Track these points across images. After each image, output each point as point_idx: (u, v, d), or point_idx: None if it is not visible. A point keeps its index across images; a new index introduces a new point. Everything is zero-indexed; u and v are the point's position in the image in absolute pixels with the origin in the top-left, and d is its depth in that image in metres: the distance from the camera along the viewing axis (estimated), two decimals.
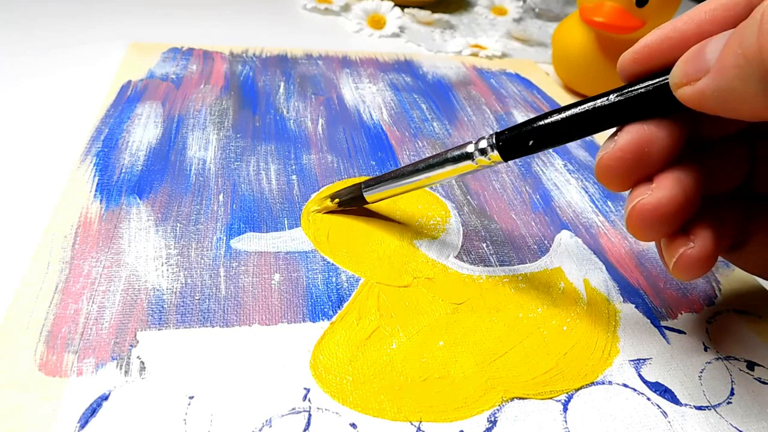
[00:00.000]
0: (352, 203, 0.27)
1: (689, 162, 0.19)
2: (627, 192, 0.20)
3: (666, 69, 0.18)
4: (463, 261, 0.26)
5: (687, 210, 0.18)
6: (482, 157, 0.22)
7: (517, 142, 0.21)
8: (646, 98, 0.18)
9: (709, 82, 0.16)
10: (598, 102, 0.19)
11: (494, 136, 0.22)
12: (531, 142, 0.21)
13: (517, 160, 0.35)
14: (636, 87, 0.19)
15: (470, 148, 0.23)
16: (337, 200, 0.27)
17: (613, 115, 0.19)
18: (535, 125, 0.21)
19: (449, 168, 0.23)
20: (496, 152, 0.22)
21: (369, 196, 0.26)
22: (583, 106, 0.20)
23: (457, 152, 0.23)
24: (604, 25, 0.38)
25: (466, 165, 0.23)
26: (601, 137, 0.39)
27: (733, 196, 0.22)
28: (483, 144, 0.22)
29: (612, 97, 0.19)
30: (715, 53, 0.16)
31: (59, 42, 0.42)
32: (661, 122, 0.18)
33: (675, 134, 0.18)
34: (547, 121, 0.20)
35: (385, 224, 0.28)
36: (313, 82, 0.41)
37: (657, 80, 0.18)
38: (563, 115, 0.20)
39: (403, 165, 0.25)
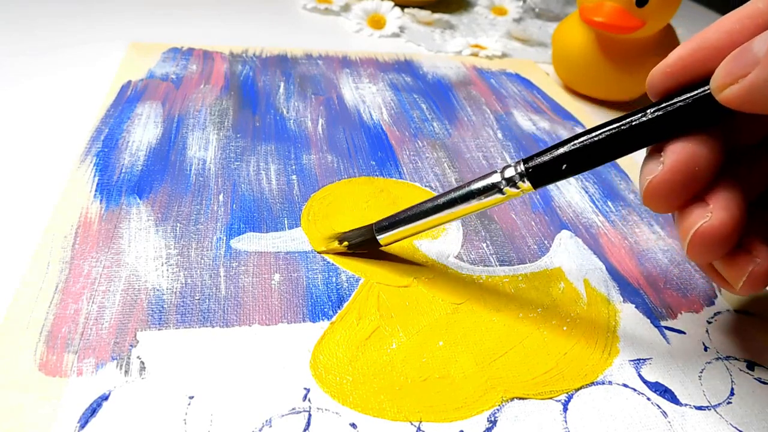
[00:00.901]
0: (363, 246, 0.25)
1: (730, 175, 0.18)
2: (667, 213, 0.19)
3: (700, 81, 0.18)
4: (463, 261, 0.26)
5: (743, 226, 0.18)
6: (511, 188, 0.21)
7: (549, 168, 0.20)
8: (687, 112, 0.18)
9: (760, 72, 0.15)
10: (635, 119, 0.18)
11: (522, 163, 0.20)
12: (564, 167, 0.20)
13: (516, 159, 0.35)
14: (673, 101, 0.18)
15: (495, 178, 0.21)
16: (345, 243, 0.25)
17: (652, 132, 0.18)
18: (568, 148, 0.19)
19: (474, 203, 0.22)
20: (527, 182, 0.20)
21: (383, 238, 0.24)
22: (618, 125, 0.19)
23: (481, 183, 0.21)
24: (604, 25, 0.38)
25: (493, 199, 0.21)
26: None
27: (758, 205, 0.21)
28: (510, 172, 0.21)
29: (650, 113, 0.18)
30: (763, 46, 0.16)
31: (59, 42, 0.42)
32: (704, 137, 0.18)
33: (718, 148, 0.18)
34: (581, 142, 0.19)
35: None
36: (313, 82, 0.41)
37: (696, 92, 0.18)
38: (598, 135, 0.19)
39: (418, 202, 0.23)
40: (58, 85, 0.36)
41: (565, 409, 0.20)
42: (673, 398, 0.21)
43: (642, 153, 0.20)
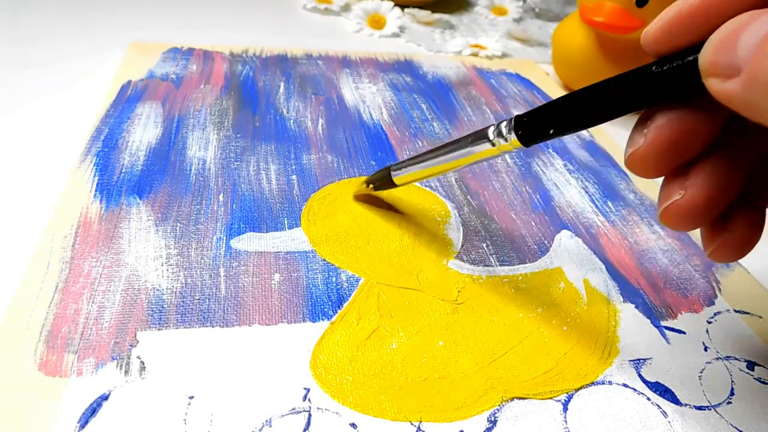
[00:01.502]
0: (383, 186, 0.28)
1: (725, 145, 0.17)
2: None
3: (699, 44, 0.15)
4: (463, 261, 0.26)
5: (724, 202, 0.17)
6: (501, 140, 0.21)
7: (536, 124, 0.20)
8: (676, 77, 0.16)
9: (739, 88, 0.13)
10: (623, 80, 0.17)
11: (513, 119, 0.21)
12: (552, 131, 0.19)
13: (517, 159, 0.35)
14: (665, 65, 0.16)
15: (490, 132, 0.22)
16: (371, 186, 0.28)
17: (640, 95, 0.17)
18: (554, 107, 0.19)
19: (467, 150, 0.23)
20: (513, 135, 0.20)
21: (396, 178, 0.27)
22: (608, 86, 0.18)
23: (475, 135, 0.22)
24: (604, 25, 0.38)
25: (485, 149, 0.22)
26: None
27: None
28: (503, 127, 0.21)
29: (635, 76, 0.17)
30: (748, 50, 0.13)
31: (59, 42, 0.42)
32: (692, 109, 0.16)
33: (708, 121, 0.16)
34: (567, 102, 0.19)
35: (385, 224, 0.28)
36: (313, 82, 0.41)
37: (687, 58, 0.15)
38: (583, 91, 0.18)
39: (425, 151, 0.25)
40: (59, 85, 0.36)
41: (565, 409, 0.20)
42: (673, 398, 0.21)
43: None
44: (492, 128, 0.21)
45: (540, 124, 0.20)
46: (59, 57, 0.40)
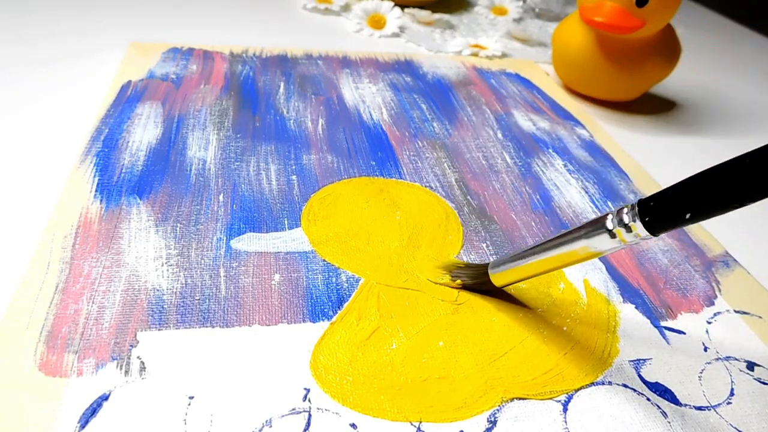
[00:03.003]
0: (477, 286, 0.24)
1: None
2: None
3: None
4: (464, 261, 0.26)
5: None
6: (623, 230, 0.18)
7: (668, 213, 0.17)
8: None
9: None
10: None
11: (638, 204, 0.18)
12: (688, 215, 0.16)
13: (517, 160, 0.35)
14: None
15: (609, 220, 0.19)
16: (458, 281, 0.25)
17: None
18: (690, 186, 0.17)
19: (582, 244, 0.20)
20: (639, 223, 0.18)
21: (494, 276, 0.23)
22: (753, 156, 0.15)
23: (591, 225, 0.19)
24: (604, 25, 0.38)
25: (603, 241, 0.19)
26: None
27: None
28: (625, 214, 0.18)
29: None
30: None
31: (59, 42, 0.42)
32: None
33: None
34: (705, 180, 0.16)
35: (385, 224, 0.28)
36: (313, 82, 0.41)
37: None
38: (725, 173, 0.16)
39: (529, 246, 0.22)
40: (59, 85, 0.36)
41: (565, 410, 0.20)
42: (673, 398, 0.21)
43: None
44: (611, 216, 0.19)
45: (673, 208, 0.17)
46: (59, 57, 0.40)
